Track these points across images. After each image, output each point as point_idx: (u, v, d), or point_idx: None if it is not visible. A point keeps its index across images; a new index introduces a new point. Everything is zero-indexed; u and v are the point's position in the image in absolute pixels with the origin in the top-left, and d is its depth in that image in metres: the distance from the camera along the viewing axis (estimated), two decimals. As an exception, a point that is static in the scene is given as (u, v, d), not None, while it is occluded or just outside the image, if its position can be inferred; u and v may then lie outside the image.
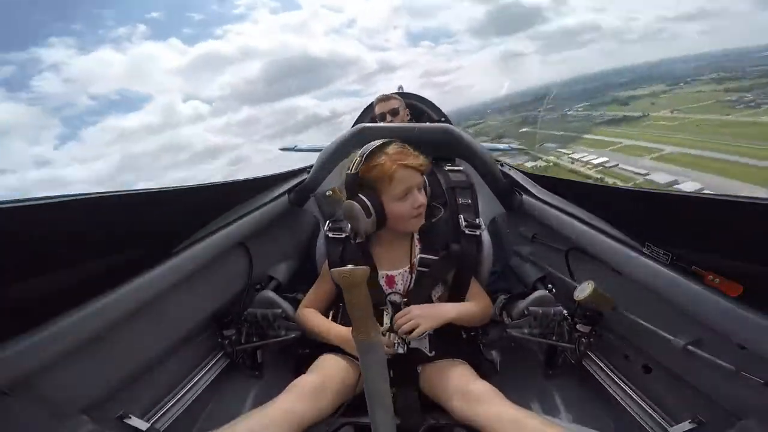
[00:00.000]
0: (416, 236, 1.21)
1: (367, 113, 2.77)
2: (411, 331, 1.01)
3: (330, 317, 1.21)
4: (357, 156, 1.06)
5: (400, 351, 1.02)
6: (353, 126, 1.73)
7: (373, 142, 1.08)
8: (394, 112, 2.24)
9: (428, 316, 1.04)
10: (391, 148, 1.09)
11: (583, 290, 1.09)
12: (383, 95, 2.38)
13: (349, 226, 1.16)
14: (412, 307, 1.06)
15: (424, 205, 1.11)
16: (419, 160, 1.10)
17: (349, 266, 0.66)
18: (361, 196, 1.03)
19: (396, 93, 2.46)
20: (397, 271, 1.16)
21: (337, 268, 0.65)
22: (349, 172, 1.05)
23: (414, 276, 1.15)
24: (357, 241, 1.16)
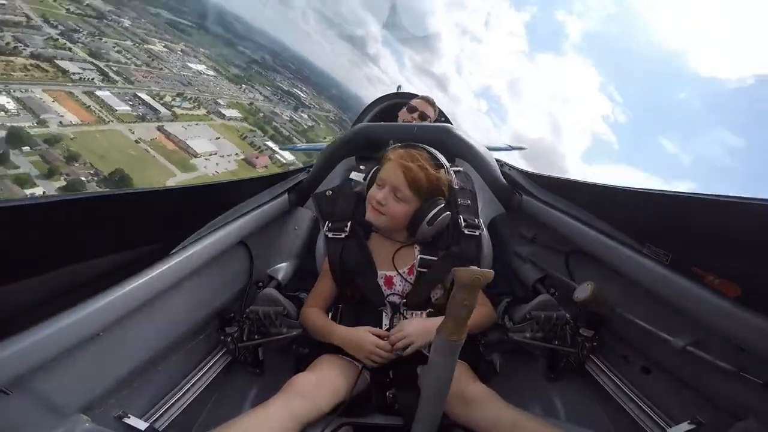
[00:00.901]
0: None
1: (367, 113, 2.77)
2: (405, 348, 1.01)
3: (329, 317, 1.21)
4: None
5: (401, 352, 1.02)
6: (353, 126, 1.73)
7: (404, 143, 1.25)
8: (424, 117, 2.16)
9: (422, 333, 1.02)
10: (416, 150, 1.20)
11: (583, 291, 1.09)
12: (426, 96, 2.28)
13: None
14: (405, 323, 1.05)
15: (379, 203, 1.14)
16: (416, 168, 1.11)
17: (473, 267, 0.67)
18: (369, 166, 1.31)
19: (396, 92, 2.45)
20: (394, 272, 1.16)
21: (468, 268, 0.67)
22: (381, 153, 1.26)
23: (413, 277, 1.15)
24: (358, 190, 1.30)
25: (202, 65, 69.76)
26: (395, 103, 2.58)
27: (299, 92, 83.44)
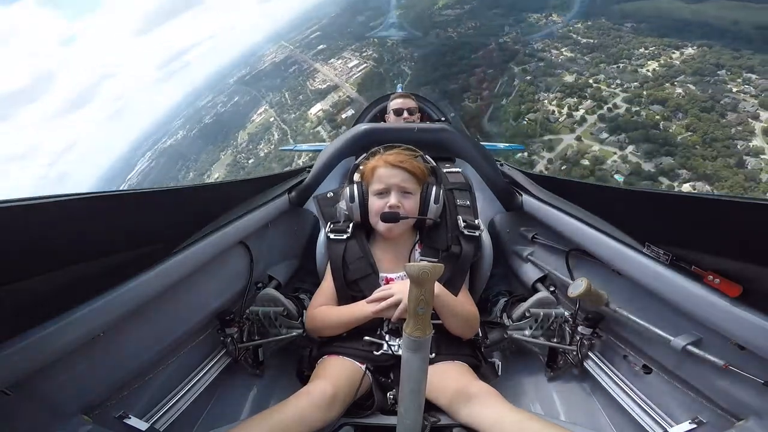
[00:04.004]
0: (416, 239, 1.21)
1: (367, 113, 2.77)
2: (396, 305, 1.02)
3: None
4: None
5: (401, 352, 1.02)
6: (353, 126, 1.73)
7: (381, 146, 1.20)
8: (412, 111, 2.25)
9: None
10: (394, 150, 1.17)
11: (577, 287, 1.09)
12: (401, 92, 2.40)
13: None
14: (392, 284, 1.11)
15: (394, 206, 1.11)
16: (408, 161, 1.15)
17: (424, 262, 0.67)
18: (354, 182, 1.19)
19: (396, 93, 2.46)
20: (396, 274, 1.16)
21: (417, 263, 0.67)
22: (354, 162, 1.20)
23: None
24: (343, 222, 1.22)
25: None
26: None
27: None
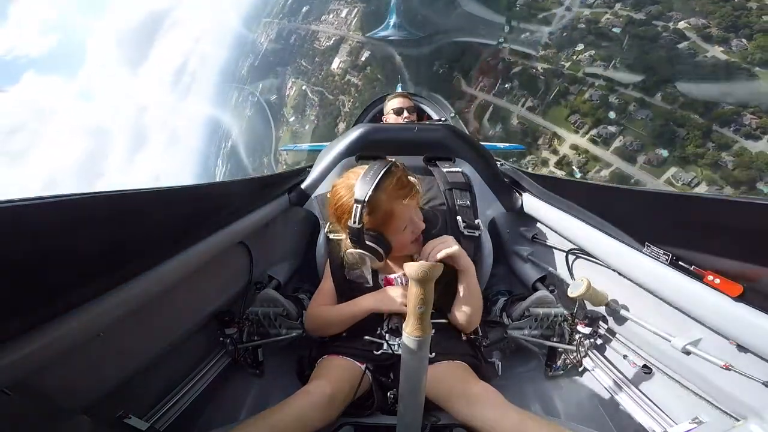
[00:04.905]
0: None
1: (367, 113, 2.77)
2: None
3: None
4: (354, 203, 0.95)
5: (400, 351, 1.02)
6: (353, 126, 1.73)
7: (365, 176, 0.97)
8: (411, 110, 2.25)
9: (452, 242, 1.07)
10: (388, 183, 0.99)
11: (577, 287, 1.09)
12: (399, 92, 2.42)
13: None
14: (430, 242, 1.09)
15: (422, 229, 1.10)
16: (414, 187, 1.05)
17: (423, 261, 0.66)
18: (369, 243, 0.98)
19: (397, 93, 2.47)
20: (395, 274, 1.16)
21: (417, 262, 0.66)
22: (352, 224, 0.95)
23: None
24: (368, 285, 1.16)
25: None
26: None
27: None
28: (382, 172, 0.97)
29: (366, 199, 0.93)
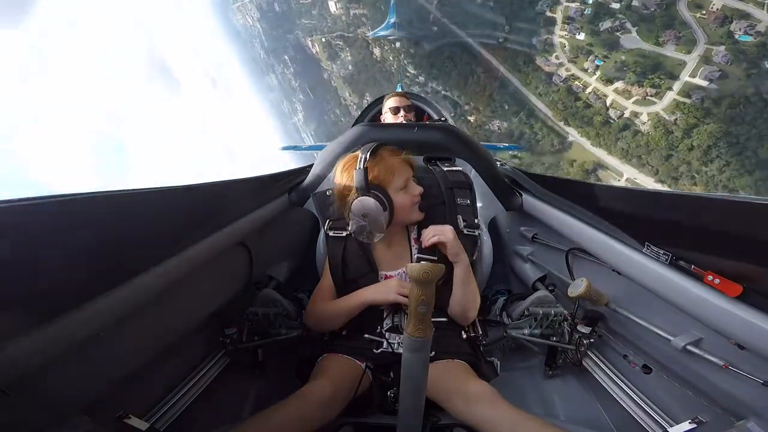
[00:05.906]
0: (413, 236, 1.21)
1: (367, 113, 2.77)
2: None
3: None
4: (360, 153, 1.10)
5: (401, 350, 1.02)
6: (353, 126, 1.73)
7: (367, 145, 1.13)
8: (409, 109, 2.26)
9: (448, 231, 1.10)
10: (384, 148, 1.16)
11: (577, 287, 1.09)
12: (397, 92, 2.42)
13: (353, 224, 1.10)
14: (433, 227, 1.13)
15: (421, 193, 1.17)
16: (407, 156, 1.19)
17: (425, 262, 0.66)
18: (373, 191, 1.05)
19: (397, 93, 2.47)
20: (395, 272, 1.17)
21: (419, 263, 0.67)
22: (358, 168, 1.06)
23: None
24: (369, 240, 1.12)
25: None
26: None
27: None
28: (380, 144, 1.16)
29: (370, 150, 1.10)
